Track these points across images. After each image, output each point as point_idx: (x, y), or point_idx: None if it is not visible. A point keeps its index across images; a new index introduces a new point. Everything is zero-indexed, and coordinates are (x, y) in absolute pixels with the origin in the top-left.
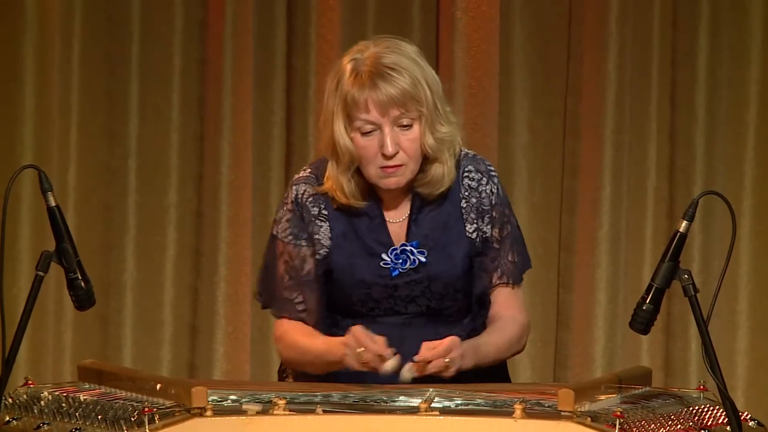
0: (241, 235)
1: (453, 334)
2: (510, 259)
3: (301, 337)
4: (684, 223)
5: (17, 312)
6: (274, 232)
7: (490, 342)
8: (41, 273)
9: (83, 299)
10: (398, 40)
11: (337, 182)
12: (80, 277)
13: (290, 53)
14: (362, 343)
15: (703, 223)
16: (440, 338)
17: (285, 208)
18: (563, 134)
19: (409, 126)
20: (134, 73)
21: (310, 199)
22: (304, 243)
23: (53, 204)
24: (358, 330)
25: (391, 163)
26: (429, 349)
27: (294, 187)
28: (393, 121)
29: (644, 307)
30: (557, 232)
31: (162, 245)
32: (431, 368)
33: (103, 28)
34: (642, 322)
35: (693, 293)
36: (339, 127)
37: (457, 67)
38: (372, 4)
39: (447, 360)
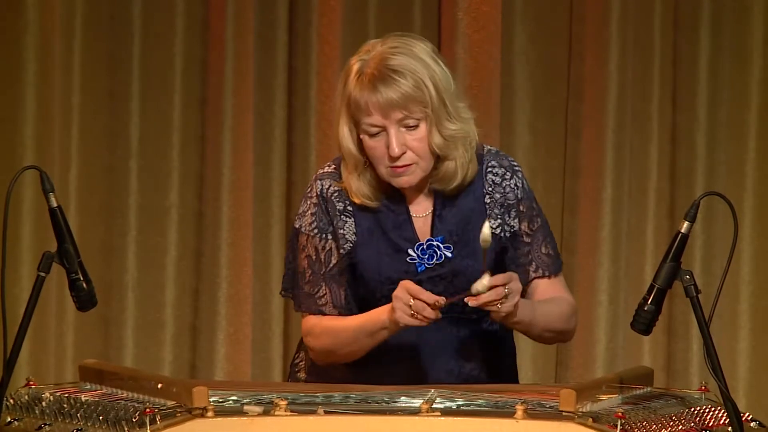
0: (243, 236)
1: (474, 335)
2: (544, 251)
3: (334, 321)
4: (686, 224)
5: (19, 313)
6: (297, 226)
7: (544, 307)
8: (43, 274)
9: (85, 300)
10: (409, 38)
11: (348, 183)
12: (82, 278)
13: (291, 54)
14: (414, 294)
15: (705, 224)
16: (460, 339)
17: (309, 202)
18: (565, 135)
19: (416, 126)
20: (135, 74)
21: (336, 194)
22: (329, 237)
23: (55, 205)
24: (408, 282)
25: (399, 163)
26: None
27: (319, 182)
28: (398, 122)
29: (646, 308)
30: (559, 233)
31: (163, 246)
32: (491, 295)
33: (104, 28)
34: (643, 323)
35: (695, 294)
36: (343, 130)
37: (459, 68)
38: (373, 5)
39: (506, 290)
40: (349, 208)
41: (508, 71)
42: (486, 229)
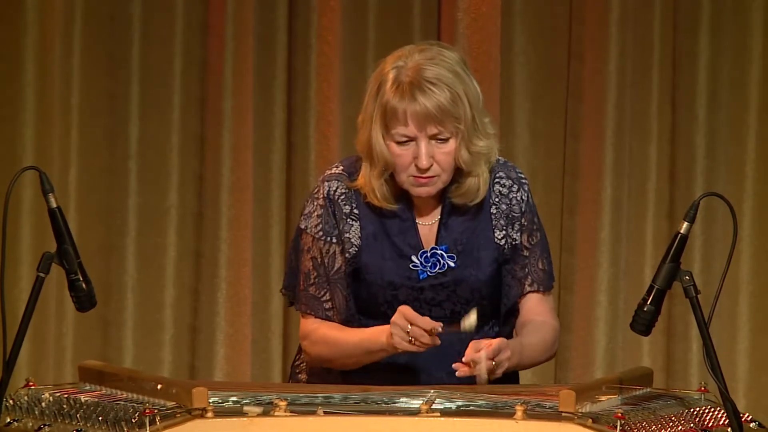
0: (242, 236)
1: (474, 337)
2: (540, 267)
3: (333, 330)
4: (685, 225)
5: (18, 313)
6: (303, 226)
7: (531, 344)
8: (42, 274)
9: (84, 300)
10: (443, 49)
11: (370, 184)
12: (81, 279)
13: (291, 54)
14: (411, 320)
15: (704, 225)
16: (461, 341)
17: (316, 203)
18: (564, 136)
19: (446, 140)
20: (135, 75)
21: (342, 197)
22: (334, 240)
23: (54, 205)
24: (406, 308)
25: (424, 174)
26: (476, 349)
27: (326, 183)
28: (430, 135)
29: (645, 309)
30: (558, 234)
31: (163, 247)
32: (479, 370)
33: (104, 29)
34: (643, 324)
35: (694, 294)
36: (377, 134)
37: None
38: (373, 5)
39: (494, 363)
40: (356, 211)
41: (507, 71)
42: (472, 318)
